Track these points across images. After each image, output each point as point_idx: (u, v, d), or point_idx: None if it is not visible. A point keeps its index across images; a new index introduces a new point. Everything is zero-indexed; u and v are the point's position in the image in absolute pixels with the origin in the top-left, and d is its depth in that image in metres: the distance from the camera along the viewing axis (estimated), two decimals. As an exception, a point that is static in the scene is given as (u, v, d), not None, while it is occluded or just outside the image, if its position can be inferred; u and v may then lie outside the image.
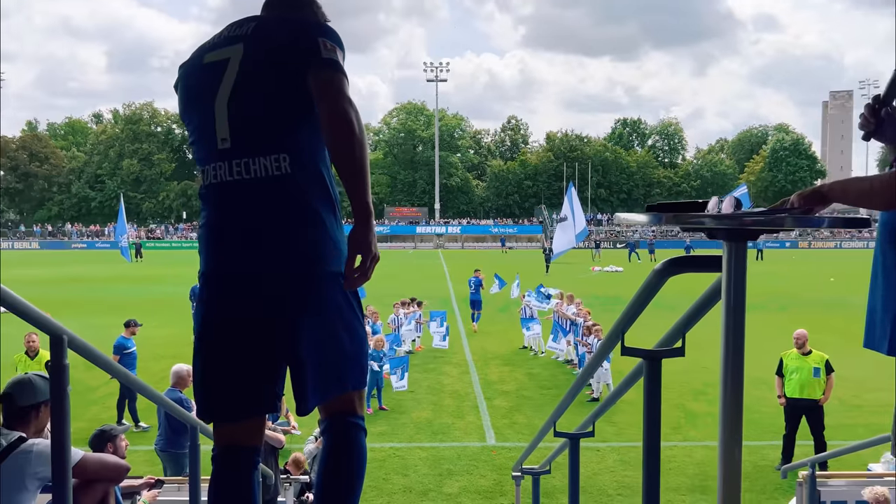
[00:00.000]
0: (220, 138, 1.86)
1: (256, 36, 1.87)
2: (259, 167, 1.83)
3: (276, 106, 1.86)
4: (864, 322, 2.03)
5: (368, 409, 11.14)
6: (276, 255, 1.84)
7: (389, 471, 8.72)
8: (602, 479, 8.43)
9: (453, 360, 15.25)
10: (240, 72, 1.84)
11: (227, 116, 1.85)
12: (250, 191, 1.84)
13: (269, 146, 1.85)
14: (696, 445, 9.61)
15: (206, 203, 1.94)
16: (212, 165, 1.88)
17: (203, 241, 1.95)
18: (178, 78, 2.02)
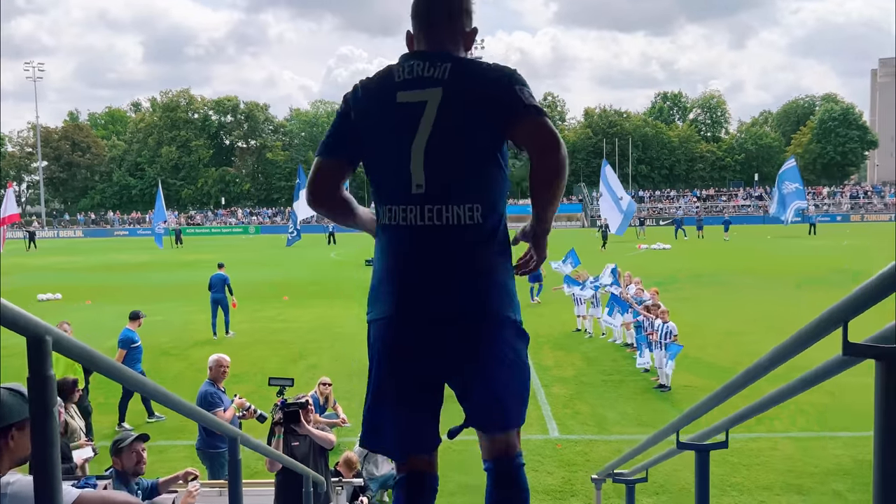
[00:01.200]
0: (414, 183, 1.85)
1: (454, 81, 1.86)
2: (452, 215, 1.84)
3: (473, 155, 1.87)
4: None
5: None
6: (463, 300, 1.85)
7: (446, 467, 7.98)
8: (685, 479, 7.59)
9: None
10: (438, 117, 1.83)
11: (424, 163, 1.84)
12: (443, 238, 1.86)
13: (465, 195, 1.86)
14: (781, 437, 8.68)
15: (391, 243, 1.93)
16: (402, 207, 1.87)
17: (384, 283, 1.93)
18: (362, 107, 1.95)
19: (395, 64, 1.98)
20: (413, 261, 1.89)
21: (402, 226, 1.89)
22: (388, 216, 1.91)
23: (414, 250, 1.89)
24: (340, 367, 12.68)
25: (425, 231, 1.86)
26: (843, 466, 7.69)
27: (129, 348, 9.76)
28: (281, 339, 15.35)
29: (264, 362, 13.13)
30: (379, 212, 1.96)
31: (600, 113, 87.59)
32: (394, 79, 1.91)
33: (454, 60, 1.92)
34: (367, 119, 1.93)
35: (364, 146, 1.96)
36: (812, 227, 46.66)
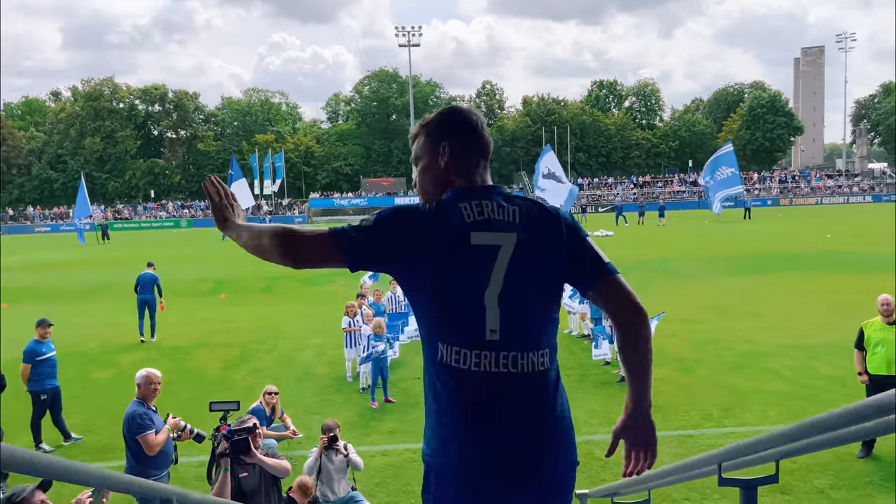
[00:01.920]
0: (488, 329, 1.82)
1: (526, 226, 1.87)
2: (527, 362, 1.84)
3: (545, 302, 1.89)
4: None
5: (373, 402, 9.74)
6: (537, 443, 1.85)
7: (410, 480, 7.33)
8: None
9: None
10: (512, 263, 1.83)
11: (499, 310, 1.82)
12: (520, 385, 1.84)
13: (538, 342, 1.87)
14: (753, 430, 8.31)
15: (462, 387, 1.83)
16: (474, 353, 1.82)
17: (456, 428, 1.84)
18: (430, 239, 1.83)
19: (454, 199, 1.91)
20: (490, 407, 1.83)
21: (475, 371, 1.82)
22: (456, 358, 1.83)
23: (491, 397, 1.83)
24: (286, 370, 11.83)
25: (501, 378, 1.82)
26: (821, 461, 7.37)
27: (34, 362, 8.63)
28: (220, 341, 14.34)
29: (202, 368, 12.15)
30: (441, 350, 1.85)
31: (538, 101, 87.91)
32: (464, 218, 1.85)
33: (520, 204, 1.93)
34: (437, 254, 1.83)
35: (422, 276, 1.86)
36: (747, 212, 47.76)
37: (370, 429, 8.87)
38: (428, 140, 2.05)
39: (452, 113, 2.07)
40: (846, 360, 11.06)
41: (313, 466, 6.33)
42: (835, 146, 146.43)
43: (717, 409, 9.09)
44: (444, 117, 2.06)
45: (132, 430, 5.33)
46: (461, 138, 2.01)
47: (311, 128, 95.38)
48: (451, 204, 1.88)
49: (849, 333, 13.41)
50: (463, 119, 2.04)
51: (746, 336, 13.04)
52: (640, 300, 1.92)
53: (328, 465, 6.44)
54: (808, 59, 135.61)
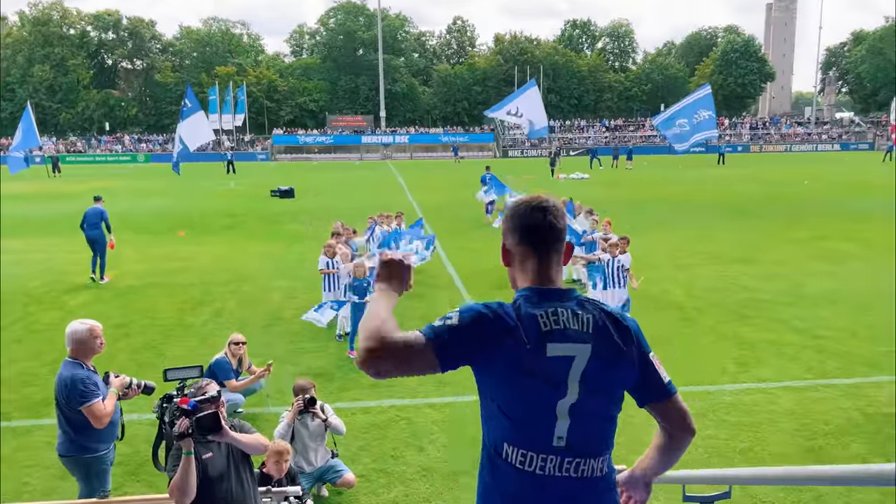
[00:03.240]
0: (556, 436, 1.85)
1: (599, 338, 1.87)
2: (588, 468, 1.87)
3: (611, 413, 1.93)
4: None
5: (352, 351, 8.78)
6: None
7: (398, 442, 6.42)
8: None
9: (439, 283, 12.90)
10: (585, 375, 1.84)
11: (569, 421, 1.85)
12: (579, 490, 1.88)
13: (600, 449, 1.90)
14: (774, 387, 7.59)
15: (524, 489, 1.88)
16: (541, 456, 1.86)
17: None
18: (512, 355, 1.83)
19: (532, 305, 1.90)
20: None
21: (539, 475, 1.87)
22: (522, 461, 1.87)
23: (550, 499, 1.87)
24: (251, 314, 10.78)
25: (562, 482, 1.87)
26: (854, 421, 6.68)
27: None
28: (178, 281, 13.14)
29: (157, 310, 11.00)
30: (506, 450, 1.89)
31: (511, 39, 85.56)
32: (541, 328, 1.85)
33: (593, 312, 1.92)
34: (507, 361, 1.85)
35: (500, 385, 1.89)
36: (721, 157, 47.32)
37: (349, 382, 7.92)
38: (505, 237, 2.07)
39: (519, 213, 2.02)
40: (851, 310, 10.52)
41: (285, 433, 5.36)
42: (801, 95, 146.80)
43: (732, 362, 8.34)
44: (513, 217, 2.03)
45: (74, 400, 4.26)
46: (526, 240, 2.00)
47: (275, 61, 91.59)
48: (528, 310, 1.87)
49: (846, 282, 13.03)
50: (528, 218, 2.00)
51: (742, 283, 12.34)
52: (692, 422, 2.04)
53: (302, 431, 5.48)
54: (780, 4, 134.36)
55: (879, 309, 10.52)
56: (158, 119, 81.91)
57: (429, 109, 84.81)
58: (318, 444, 5.58)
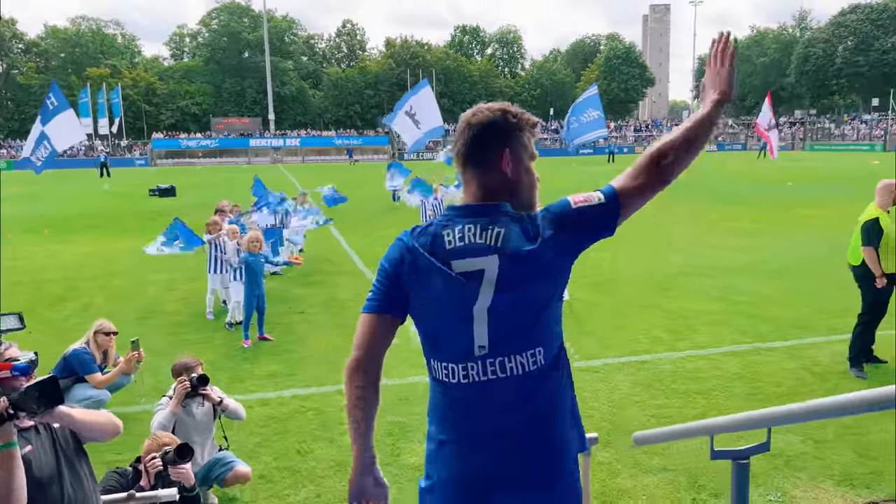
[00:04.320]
0: (477, 345, 1.80)
1: (507, 248, 1.77)
2: (515, 365, 1.79)
3: (536, 308, 1.81)
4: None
5: (246, 340, 7.58)
6: (535, 456, 1.81)
7: (304, 436, 5.33)
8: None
9: (343, 270, 11.80)
10: (497, 285, 1.77)
11: (487, 327, 1.79)
12: (507, 389, 1.80)
13: (527, 342, 1.80)
14: (714, 353, 7.08)
15: (453, 402, 1.85)
16: (461, 366, 1.81)
17: (448, 443, 1.86)
18: (413, 278, 1.83)
19: (443, 221, 1.86)
20: (479, 417, 1.82)
21: (464, 384, 1.82)
22: (446, 373, 1.83)
23: (479, 406, 1.82)
24: (123, 307, 9.31)
25: (488, 385, 1.80)
26: (805, 381, 6.25)
27: None
28: (41, 278, 11.36)
29: (14, 307, 9.26)
30: (434, 367, 1.88)
31: (402, 43, 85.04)
32: (445, 245, 1.81)
33: (504, 225, 1.80)
34: (423, 289, 1.83)
35: (417, 308, 1.86)
36: (611, 156, 48.54)
37: (243, 373, 6.73)
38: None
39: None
40: (766, 278, 10.38)
41: (168, 424, 4.18)
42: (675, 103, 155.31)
43: (663, 331, 7.79)
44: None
45: None
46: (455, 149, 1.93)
47: (153, 63, 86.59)
48: (434, 231, 1.84)
49: (754, 255, 13.04)
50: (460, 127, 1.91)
51: (655, 259, 12.03)
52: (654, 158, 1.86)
53: (186, 421, 4.33)
54: (655, 16, 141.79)
55: (792, 276, 10.47)
56: (21, 124, 75.16)
57: (320, 113, 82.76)
58: (206, 438, 4.43)
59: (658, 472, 4.70)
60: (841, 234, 14.22)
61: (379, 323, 1.86)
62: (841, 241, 12.56)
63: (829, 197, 21.75)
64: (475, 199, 1.85)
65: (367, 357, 1.87)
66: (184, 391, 4.18)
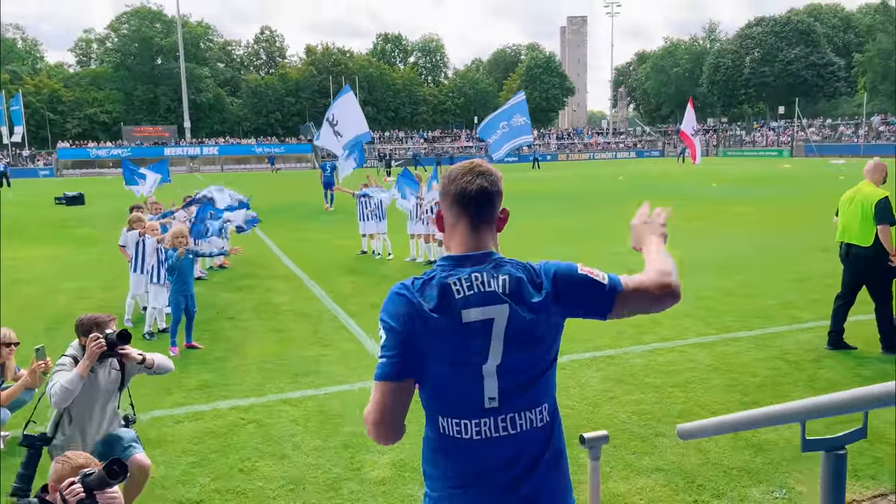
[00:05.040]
0: (487, 397, 1.77)
1: (516, 296, 1.77)
2: (525, 421, 1.80)
3: (541, 364, 1.83)
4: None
5: (173, 348, 6.76)
6: (540, 497, 1.81)
7: (248, 452, 4.61)
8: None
9: (276, 274, 10.97)
10: (507, 337, 1.75)
11: (497, 380, 1.77)
12: (518, 445, 1.79)
13: (536, 399, 1.82)
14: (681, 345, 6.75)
15: (463, 457, 1.79)
16: (474, 422, 1.78)
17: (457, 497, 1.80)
18: (422, 332, 1.72)
19: (445, 272, 1.79)
20: (493, 473, 1.78)
21: (477, 440, 1.77)
22: (458, 430, 1.78)
23: (492, 462, 1.78)
24: (30, 318, 8.28)
25: (501, 441, 1.78)
26: (781, 371, 5.97)
27: None
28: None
29: None
30: (441, 424, 1.80)
31: (323, 51, 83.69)
32: (454, 295, 1.75)
33: (510, 272, 1.81)
34: (434, 346, 1.74)
35: (426, 359, 1.75)
36: (536, 162, 48.95)
37: (169, 384, 5.90)
38: (440, 201, 1.94)
39: (452, 177, 1.88)
40: (717, 272, 10.29)
41: (73, 390, 3.39)
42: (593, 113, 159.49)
43: (626, 325, 7.41)
44: (446, 181, 1.89)
45: None
46: (451, 204, 1.87)
47: (57, 70, 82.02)
48: (440, 285, 1.76)
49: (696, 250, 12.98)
50: (459, 182, 1.86)
51: (600, 255, 11.78)
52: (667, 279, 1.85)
53: (90, 389, 3.54)
54: (573, 27, 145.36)
55: (743, 270, 10.38)
56: None
57: (239, 121, 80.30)
58: (106, 410, 3.66)
59: (651, 472, 4.24)
60: (776, 229, 14.59)
61: (404, 390, 1.76)
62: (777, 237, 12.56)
63: (754, 197, 22.34)
64: (468, 249, 1.84)
65: (395, 424, 1.75)
66: (99, 350, 3.40)
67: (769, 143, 66.52)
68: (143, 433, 4.92)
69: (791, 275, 9.81)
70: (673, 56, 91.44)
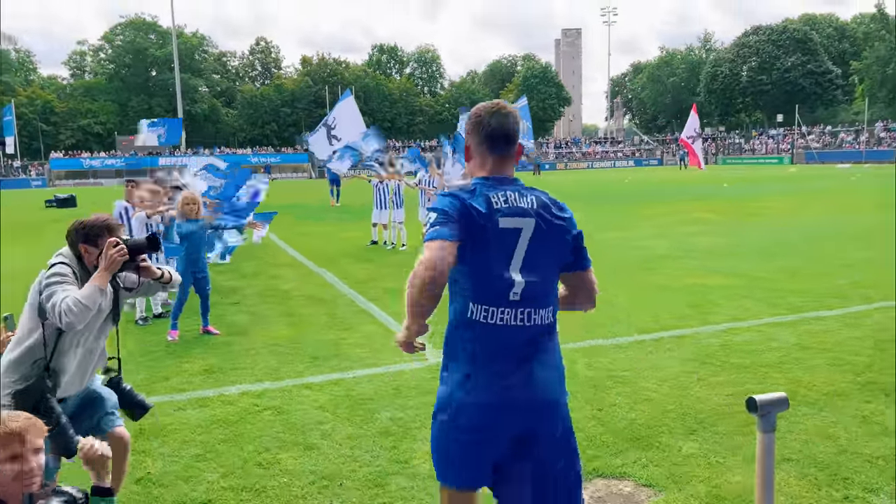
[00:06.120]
0: (512, 292, 2.08)
1: (541, 213, 2.15)
2: (539, 317, 2.15)
3: (552, 271, 2.21)
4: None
5: (173, 331, 5.88)
6: (547, 384, 2.17)
7: (265, 442, 3.70)
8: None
9: (281, 262, 10.09)
10: (531, 241, 2.12)
11: (521, 278, 2.09)
12: (532, 336, 2.14)
13: (546, 301, 2.17)
14: (761, 324, 5.86)
15: (487, 339, 2.11)
16: (500, 310, 2.09)
17: (479, 373, 2.12)
18: (467, 226, 2.05)
19: (485, 187, 2.13)
20: (507, 354, 2.12)
21: (500, 325, 2.10)
22: (485, 314, 2.11)
23: (508, 345, 2.12)
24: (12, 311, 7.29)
25: (518, 330, 2.12)
26: (888, 349, 5.04)
27: None
28: None
29: None
30: (472, 310, 2.11)
31: (319, 61, 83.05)
32: (493, 205, 2.10)
33: (535, 194, 2.20)
34: (475, 239, 2.07)
35: (466, 257, 2.06)
36: (537, 168, 48.23)
37: (167, 369, 5.00)
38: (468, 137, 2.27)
39: (482, 117, 2.20)
40: (760, 258, 9.46)
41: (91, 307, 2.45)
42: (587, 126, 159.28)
43: (686, 307, 6.56)
44: (477, 121, 2.21)
45: None
46: (482, 140, 2.20)
47: (51, 81, 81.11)
48: (483, 192, 2.12)
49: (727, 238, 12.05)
50: (485, 125, 2.19)
51: (632, 245, 10.94)
52: (596, 295, 2.32)
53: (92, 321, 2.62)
54: (567, 40, 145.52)
55: (789, 255, 9.55)
56: None
57: (234, 132, 79.43)
58: (94, 354, 2.73)
59: (779, 462, 3.35)
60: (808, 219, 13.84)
61: (454, 248, 2.00)
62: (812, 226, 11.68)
63: (768, 194, 21.57)
64: (499, 174, 2.19)
65: (441, 276, 1.94)
66: (122, 259, 2.52)
67: (769, 151, 66.00)
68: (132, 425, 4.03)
69: (839, 260, 8.97)
70: (669, 66, 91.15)
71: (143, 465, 3.45)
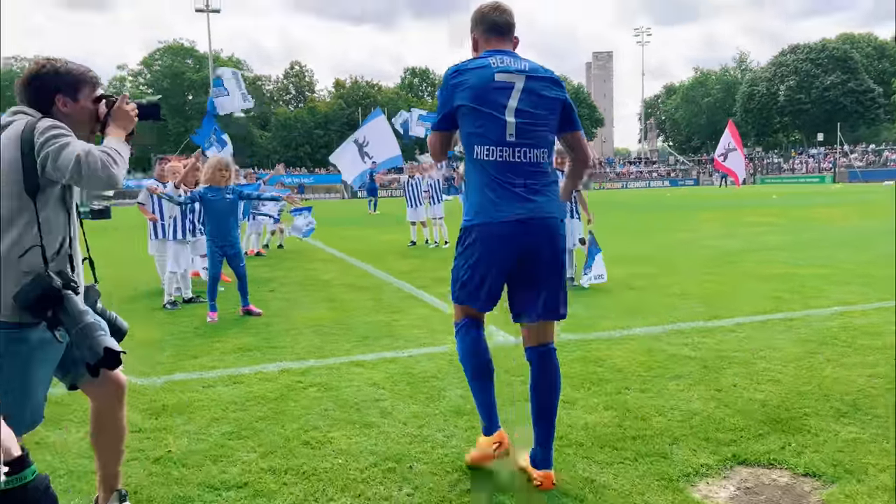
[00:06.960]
0: (508, 133, 2.58)
1: (531, 74, 2.61)
2: (533, 155, 2.62)
3: (543, 119, 2.63)
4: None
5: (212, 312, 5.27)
6: (542, 206, 2.61)
7: (313, 419, 3.02)
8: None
9: (316, 257, 9.51)
10: (523, 93, 2.59)
11: (515, 121, 2.58)
12: (528, 168, 2.61)
13: (539, 143, 2.63)
14: (874, 308, 5.04)
15: (487, 168, 2.60)
16: (500, 148, 2.58)
17: (486, 199, 2.61)
18: (467, 82, 2.60)
19: (486, 56, 2.66)
20: (509, 181, 2.60)
21: (500, 161, 2.60)
22: (487, 153, 2.60)
23: (509, 174, 2.60)
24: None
25: (515, 165, 2.61)
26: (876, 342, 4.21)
27: None
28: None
29: None
30: (476, 150, 2.61)
31: (352, 84, 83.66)
32: (491, 66, 2.60)
33: (528, 62, 2.69)
34: (472, 90, 2.59)
35: (466, 105, 2.60)
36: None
37: (196, 348, 4.37)
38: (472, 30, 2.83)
39: (483, 12, 2.77)
40: (839, 251, 8.65)
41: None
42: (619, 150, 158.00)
43: (786, 292, 5.77)
44: (480, 15, 2.79)
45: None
46: (483, 30, 2.77)
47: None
48: (482, 60, 2.64)
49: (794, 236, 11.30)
50: (487, 19, 2.75)
51: (703, 243, 10.16)
52: (589, 154, 2.84)
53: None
54: (598, 62, 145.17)
55: (878, 246, 8.73)
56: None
57: (268, 153, 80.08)
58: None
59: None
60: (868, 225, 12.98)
61: (440, 136, 2.75)
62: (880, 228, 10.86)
63: (820, 204, 20.54)
64: (499, 48, 2.71)
65: (436, 155, 2.83)
66: (135, 118, 2.18)
67: (809, 170, 64.30)
68: (153, 400, 3.39)
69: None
70: (704, 86, 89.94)
71: (164, 442, 2.80)
